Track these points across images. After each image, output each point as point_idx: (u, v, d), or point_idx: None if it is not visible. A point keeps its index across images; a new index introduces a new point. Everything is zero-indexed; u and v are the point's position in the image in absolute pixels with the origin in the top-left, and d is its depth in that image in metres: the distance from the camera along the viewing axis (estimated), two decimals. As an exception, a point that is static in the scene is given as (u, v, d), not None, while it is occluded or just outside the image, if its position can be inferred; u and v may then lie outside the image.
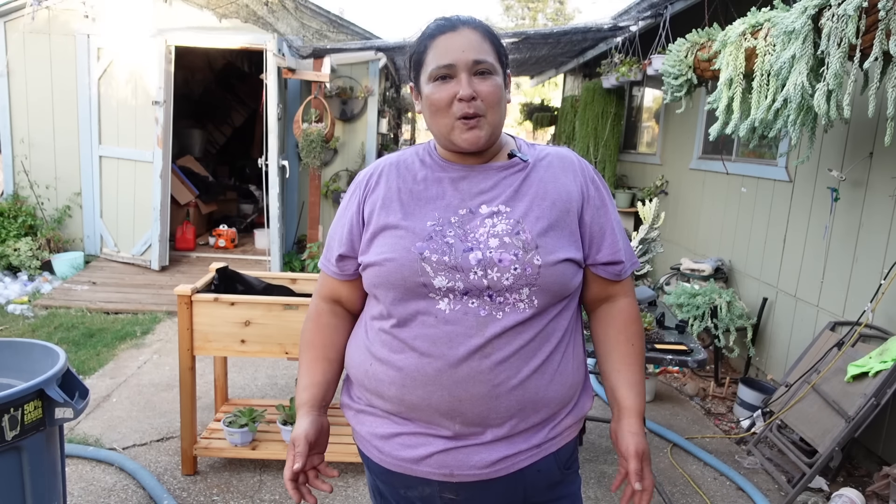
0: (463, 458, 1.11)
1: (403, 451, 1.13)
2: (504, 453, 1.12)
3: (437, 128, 1.15)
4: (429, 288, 1.09)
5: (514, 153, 1.19)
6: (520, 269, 1.08)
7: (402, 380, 1.11)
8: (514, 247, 1.09)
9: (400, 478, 1.16)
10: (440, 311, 1.09)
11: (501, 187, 1.15)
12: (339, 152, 6.61)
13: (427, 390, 1.09)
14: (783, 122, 2.59)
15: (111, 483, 2.60)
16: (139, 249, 5.87)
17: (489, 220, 1.12)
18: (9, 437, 1.58)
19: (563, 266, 1.11)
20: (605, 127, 6.52)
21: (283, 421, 2.73)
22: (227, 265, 2.81)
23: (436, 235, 1.10)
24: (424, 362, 1.09)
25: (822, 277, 3.38)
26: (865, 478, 2.87)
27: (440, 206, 1.14)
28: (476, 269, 1.08)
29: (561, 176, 1.18)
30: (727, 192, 4.55)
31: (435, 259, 1.08)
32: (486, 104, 1.11)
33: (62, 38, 5.90)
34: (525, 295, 1.09)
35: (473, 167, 1.17)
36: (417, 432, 1.13)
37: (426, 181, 1.17)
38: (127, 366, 3.87)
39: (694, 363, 2.27)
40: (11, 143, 6.09)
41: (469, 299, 1.09)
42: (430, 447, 1.11)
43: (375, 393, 1.16)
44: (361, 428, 1.20)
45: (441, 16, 1.17)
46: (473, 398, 1.08)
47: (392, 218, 1.14)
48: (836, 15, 2.20)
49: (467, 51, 1.10)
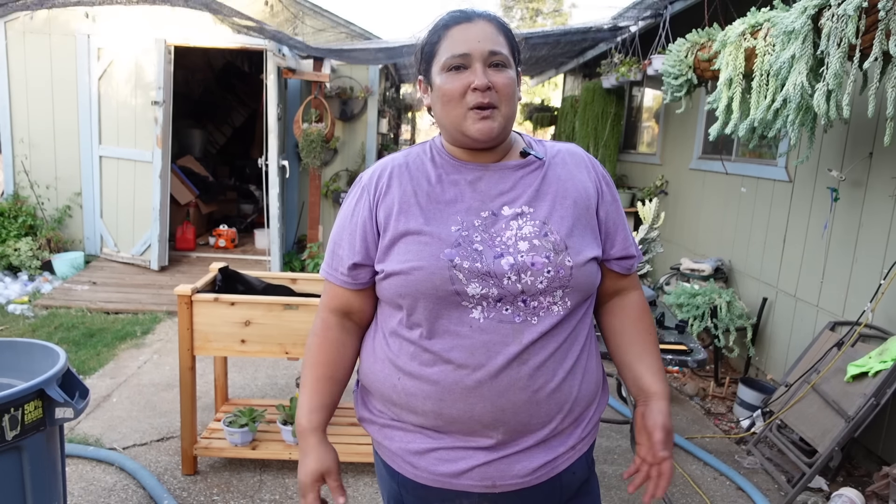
0: (505, 468, 1.09)
1: (441, 466, 1.10)
2: (544, 459, 1.11)
3: (448, 119, 1.11)
4: (462, 296, 1.05)
5: (528, 151, 1.17)
6: (553, 272, 1.07)
7: (439, 394, 1.07)
8: (545, 249, 1.08)
9: (436, 492, 1.12)
10: (474, 319, 1.06)
11: (521, 187, 1.13)
12: (339, 152, 6.62)
13: (468, 403, 1.06)
14: (783, 122, 2.60)
15: (111, 483, 2.61)
16: (139, 249, 5.87)
17: (514, 223, 1.10)
18: (9, 437, 1.58)
19: (590, 265, 1.12)
20: (605, 127, 6.52)
21: (283, 421, 2.73)
22: (227, 265, 2.81)
23: (464, 242, 1.07)
24: (463, 374, 1.06)
25: (822, 277, 3.38)
26: (865, 478, 2.88)
27: (461, 209, 1.11)
28: (510, 273, 1.06)
29: (576, 173, 1.17)
30: (727, 192, 4.55)
31: (467, 266, 1.05)
32: (501, 96, 1.09)
33: (62, 38, 5.90)
34: (559, 297, 1.09)
35: (488, 166, 1.15)
36: (455, 446, 1.10)
37: (441, 183, 1.13)
38: (127, 366, 3.87)
39: (694, 363, 2.28)
40: (12, 143, 6.09)
41: (503, 306, 1.06)
42: (471, 460, 1.09)
43: (407, 408, 1.12)
44: (391, 444, 1.15)
45: (456, 8, 1.15)
46: (516, 406, 1.07)
47: (413, 223, 1.09)
48: (835, 15, 2.20)
49: (483, 41, 1.08)
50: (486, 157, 1.15)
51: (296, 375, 3.64)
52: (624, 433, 3.20)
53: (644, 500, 1.16)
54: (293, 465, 2.77)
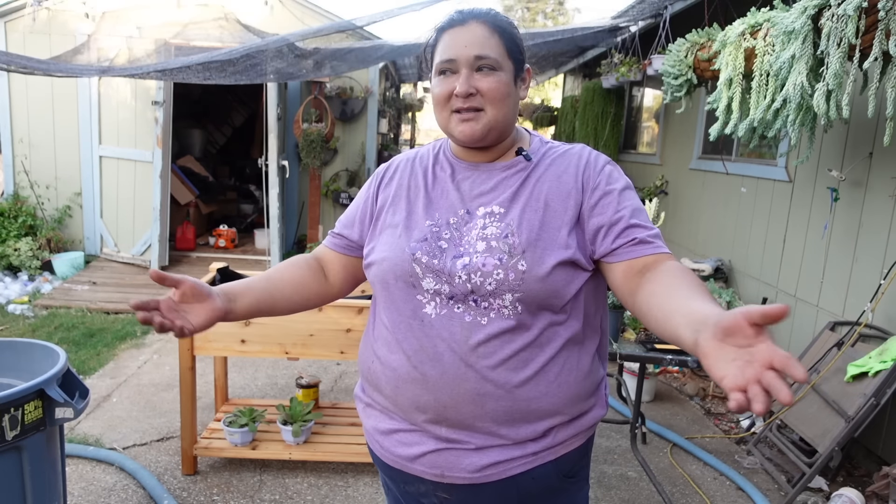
0: (453, 459, 1.10)
1: (400, 449, 1.15)
2: (495, 458, 1.10)
3: (438, 120, 1.16)
4: (418, 289, 1.10)
5: (521, 150, 1.16)
6: (503, 275, 1.05)
7: (395, 380, 1.12)
8: (500, 251, 1.06)
9: (398, 473, 1.17)
10: (426, 314, 1.09)
11: (501, 188, 1.13)
12: (339, 152, 6.62)
13: (415, 393, 1.10)
14: (783, 122, 2.60)
15: (111, 483, 2.61)
16: (139, 249, 5.87)
17: (481, 222, 1.10)
18: (9, 437, 1.58)
19: (554, 274, 1.05)
20: (605, 127, 6.52)
21: (284, 421, 2.73)
22: (226, 265, 2.81)
23: (431, 237, 1.11)
24: (412, 365, 1.10)
25: (822, 277, 3.38)
26: (865, 478, 2.87)
27: (442, 205, 1.15)
28: (461, 273, 1.06)
29: (562, 174, 1.12)
30: (727, 192, 4.55)
31: (425, 261, 1.09)
32: (486, 99, 1.10)
33: (62, 38, 5.90)
34: (508, 301, 1.05)
35: (479, 166, 1.17)
36: (413, 430, 1.13)
37: (434, 179, 1.19)
38: (127, 366, 3.87)
39: (694, 363, 2.28)
40: (12, 143, 6.09)
41: (455, 304, 1.08)
42: (423, 446, 1.12)
43: (377, 389, 1.18)
44: (367, 422, 1.22)
45: (457, 8, 1.16)
46: (458, 404, 1.07)
47: (397, 216, 1.17)
48: (835, 15, 2.20)
49: (469, 46, 1.09)
50: (481, 156, 1.17)
51: (296, 375, 3.64)
52: (624, 433, 3.20)
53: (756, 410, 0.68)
54: (293, 465, 2.77)
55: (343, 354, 2.52)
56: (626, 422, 3.14)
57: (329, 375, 3.85)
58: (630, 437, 2.88)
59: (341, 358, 2.54)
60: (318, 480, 2.68)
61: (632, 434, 2.84)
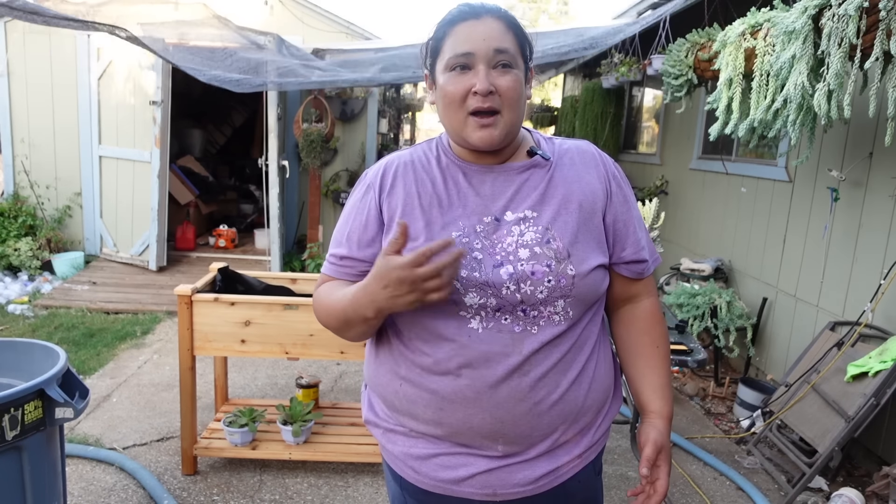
0: (506, 476, 1.07)
1: (443, 473, 1.09)
2: (547, 468, 1.09)
3: (449, 122, 1.08)
4: (460, 306, 1.03)
5: (535, 150, 1.12)
6: (554, 281, 1.03)
7: (437, 402, 1.05)
8: (546, 257, 1.03)
9: (438, 498, 1.11)
10: (472, 329, 1.03)
11: (526, 190, 1.08)
12: (339, 152, 6.61)
13: (467, 413, 1.04)
14: (783, 122, 2.59)
15: (111, 483, 2.60)
16: (138, 249, 5.87)
17: (516, 228, 1.05)
18: (9, 437, 1.58)
19: (594, 273, 1.07)
20: (605, 127, 6.52)
21: (283, 421, 2.73)
22: (227, 265, 2.81)
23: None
24: (462, 384, 1.03)
25: (822, 277, 3.38)
26: (865, 478, 2.87)
27: (464, 213, 1.07)
28: (508, 283, 1.02)
29: (584, 174, 1.12)
30: (727, 192, 4.55)
31: (465, 275, 1.02)
32: (504, 100, 1.03)
33: (62, 38, 5.89)
34: (560, 307, 1.04)
35: (493, 168, 1.10)
36: (457, 452, 1.08)
37: (445, 184, 1.10)
38: (127, 366, 3.87)
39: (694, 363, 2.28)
40: (12, 143, 6.09)
41: (502, 316, 1.03)
42: (472, 468, 1.07)
43: (408, 414, 1.10)
44: (394, 448, 1.14)
45: (464, 2, 1.08)
46: (516, 418, 1.04)
47: (413, 229, 1.06)
48: (836, 15, 2.20)
49: (488, 39, 1.02)
50: (492, 158, 1.11)
51: (296, 375, 3.64)
52: (624, 433, 3.20)
53: None
54: (293, 465, 2.77)
55: (343, 354, 2.52)
56: (627, 422, 3.14)
57: (329, 375, 3.85)
58: (630, 437, 2.88)
59: (341, 358, 2.54)
60: (318, 480, 2.68)
61: (632, 434, 2.84)
